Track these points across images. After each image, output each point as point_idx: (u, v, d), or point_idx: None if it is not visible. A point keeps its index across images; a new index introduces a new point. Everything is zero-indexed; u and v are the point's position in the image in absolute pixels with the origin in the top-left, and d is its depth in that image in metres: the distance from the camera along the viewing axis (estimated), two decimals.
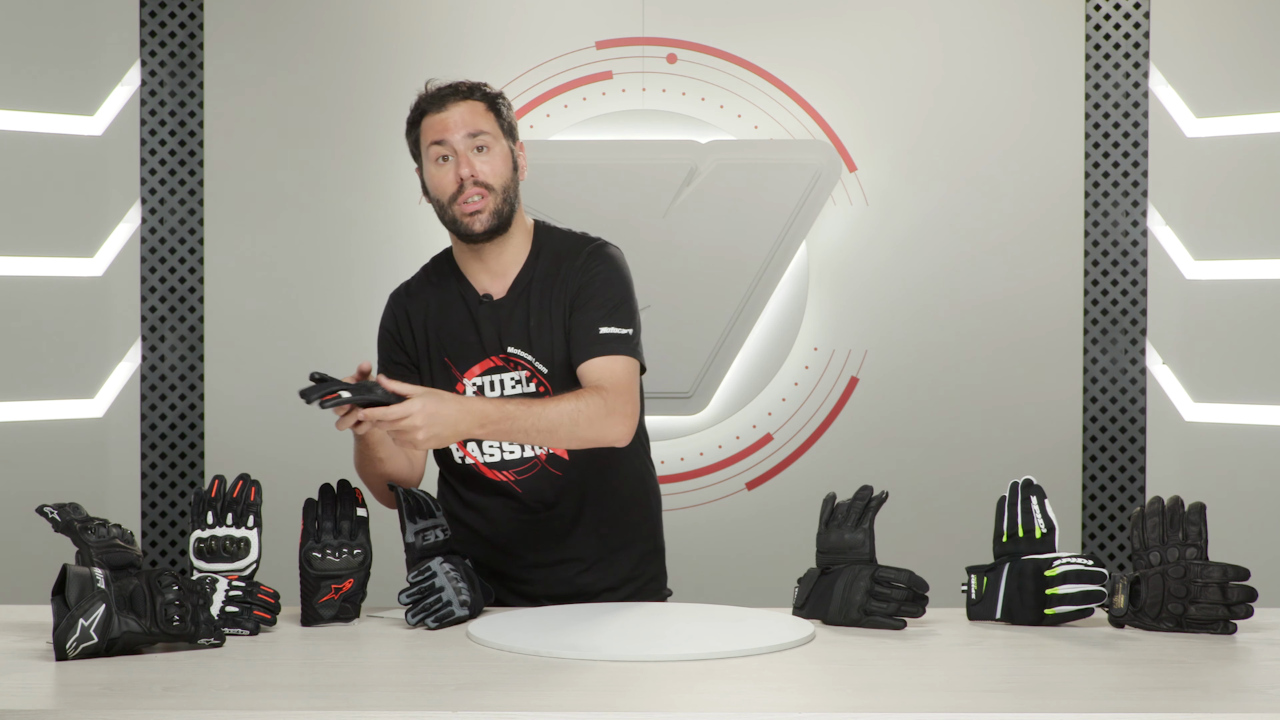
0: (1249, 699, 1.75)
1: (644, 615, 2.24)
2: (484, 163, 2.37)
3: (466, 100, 2.39)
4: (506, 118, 2.43)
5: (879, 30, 4.25)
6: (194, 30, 4.21)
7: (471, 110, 2.39)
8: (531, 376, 2.39)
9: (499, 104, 2.42)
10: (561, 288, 2.40)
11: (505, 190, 2.39)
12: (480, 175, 2.36)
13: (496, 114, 2.41)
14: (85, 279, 4.11)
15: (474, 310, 2.43)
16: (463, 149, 2.37)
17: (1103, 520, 4.21)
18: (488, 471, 2.44)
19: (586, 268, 2.41)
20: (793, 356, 4.24)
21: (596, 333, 2.36)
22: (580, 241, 2.46)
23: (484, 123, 2.38)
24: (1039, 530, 2.24)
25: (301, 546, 2.21)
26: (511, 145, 2.43)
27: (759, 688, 1.79)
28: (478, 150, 2.37)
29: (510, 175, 2.40)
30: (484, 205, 2.36)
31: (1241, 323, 4.07)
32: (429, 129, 2.40)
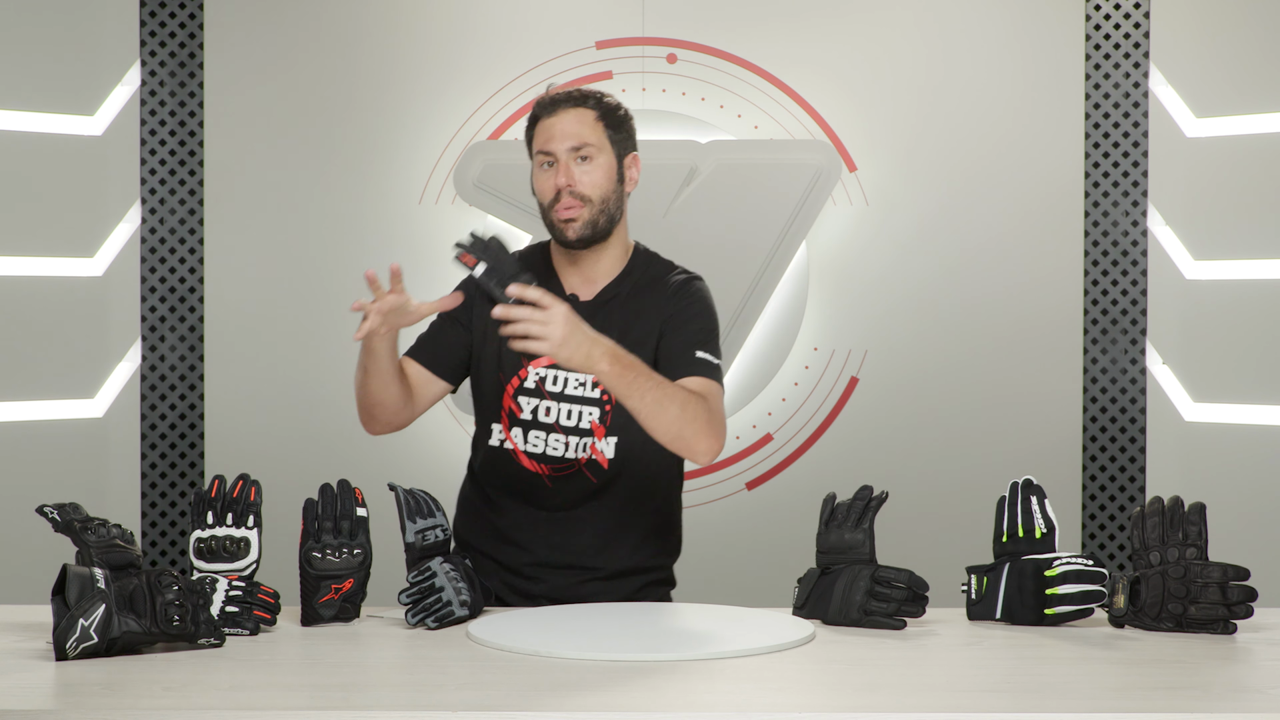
0: (1249, 699, 1.75)
1: (644, 615, 2.24)
2: (584, 173, 2.38)
3: (577, 108, 2.40)
4: (619, 130, 2.43)
5: (879, 30, 4.25)
6: (194, 30, 4.21)
7: (580, 119, 2.40)
8: (598, 383, 2.39)
9: (613, 115, 2.43)
10: (651, 309, 2.42)
11: (604, 201, 2.40)
12: (577, 186, 2.38)
13: (607, 125, 2.41)
14: (85, 279, 4.11)
15: None
16: (564, 158, 2.38)
17: (1103, 520, 4.21)
18: (525, 461, 2.44)
19: (682, 294, 2.44)
20: (793, 356, 4.24)
21: (693, 355, 2.38)
22: (675, 269, 2.50)
23: (590, 133, 2.39)
24: (1039, 530, 2.24)
25: (301, 546, 2.21)
26: (619, 157, 2.43)
27: (759, 688, 1.79)
28: (580, 160, 2.39)
29: (612, 188, 2.41)
30: (579, 214, 2.38)
31: (1241, 323, 4.07)
32: (539, 133, 2.42)
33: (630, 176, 2.45)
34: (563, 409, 2.42)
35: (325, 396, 4.24)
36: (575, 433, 2.42)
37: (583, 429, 2.42)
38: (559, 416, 2.42)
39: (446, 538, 2.27)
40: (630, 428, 2.38)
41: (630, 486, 2.45)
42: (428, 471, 4.13)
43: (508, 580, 2.46)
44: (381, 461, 4.13)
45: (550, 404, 2.42)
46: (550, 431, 2.42)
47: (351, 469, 3.08)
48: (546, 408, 2.42)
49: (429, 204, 4.25)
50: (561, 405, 2.42)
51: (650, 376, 2.23)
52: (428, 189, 4.25)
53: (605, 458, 2.43)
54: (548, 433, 2.42)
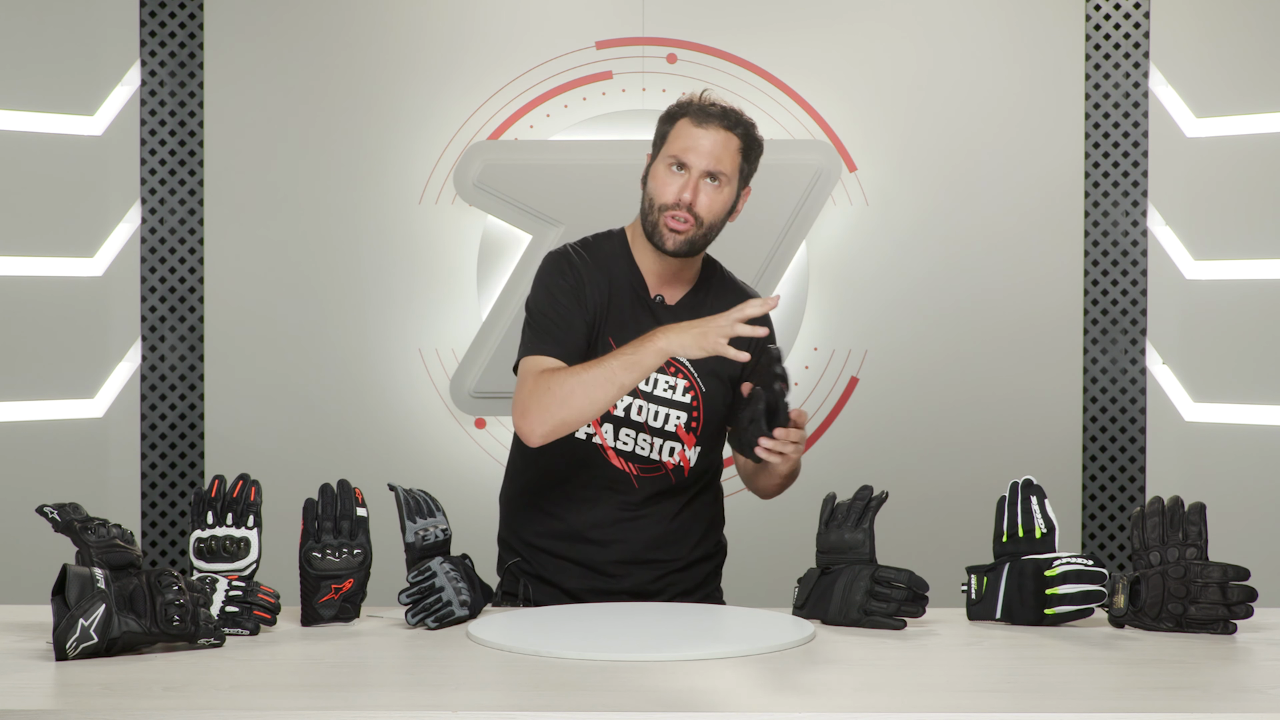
0: (1249, 699, 1.75)
1: (644, 615, 2.24)
2: (708, 195, 2.39)
3: (728, 131, 2.39)
4: (751, 164, 2.45)
5: (879, 30, 4.25)
6: (194, 30, 4.21)
7: (726, 144, 2.39)
8: (690, 388, 2.43)
9: (752, 150, 2.44)
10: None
11: (712, 227, 2.42)
12: (699, 206, 2.38)
13: (745, 158, 2.42)
14: (85, 279, 4.11)
15: (648, 303, 2.46)
16: (696, 175, 2.38)
17: (1103, 520, 4.21)
18: (614, 458, 2.44)
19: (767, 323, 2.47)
20: (793, 356, 4.24)
21: None
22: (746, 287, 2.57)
23: (729, 161, 2.40)
24: (1039, 530, 2.24)
25: (301, 546, 2.21)
26: (739, 190, 2.45)
27: (759, 688, 1.79)
28: (710, 180, 2.39)
29: (723, 215, 2.43)
30: (686, 230, 2.39)
31: (1241, 323, 4.07)
32: (679, 135, 2.40)
33: (738, 209, 2.48)
34: (651, 409, 2.44)
35: (325, 396, 4.24)
36: (661, 435, 2.44)
37: (668, 431, 2.44)
38: (648, 417, 2.44)
39: (446, 538, 2.27)
40: (717, 438, 2.48)
41: (700, 486, 2.52)
42: (427, 471, 4.13)
43: (588, 581, 2.46)
44: (381, 461, 4.13)
45: (643, 403, 2.43)
46: (640, 430, 2.44)
47: (351, 469, 3.08)
48: (639, 406, 2.43)
49: (429, 204, 4.25)
50: (651, 406, 2.44)
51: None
52: (428, 189, 4.25)
53: (689, 465, 2.48)
54: (638, 431, 2.44)
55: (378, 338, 4.25)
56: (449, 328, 4.21)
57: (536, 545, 2.50)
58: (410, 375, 4.24)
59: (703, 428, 2.46)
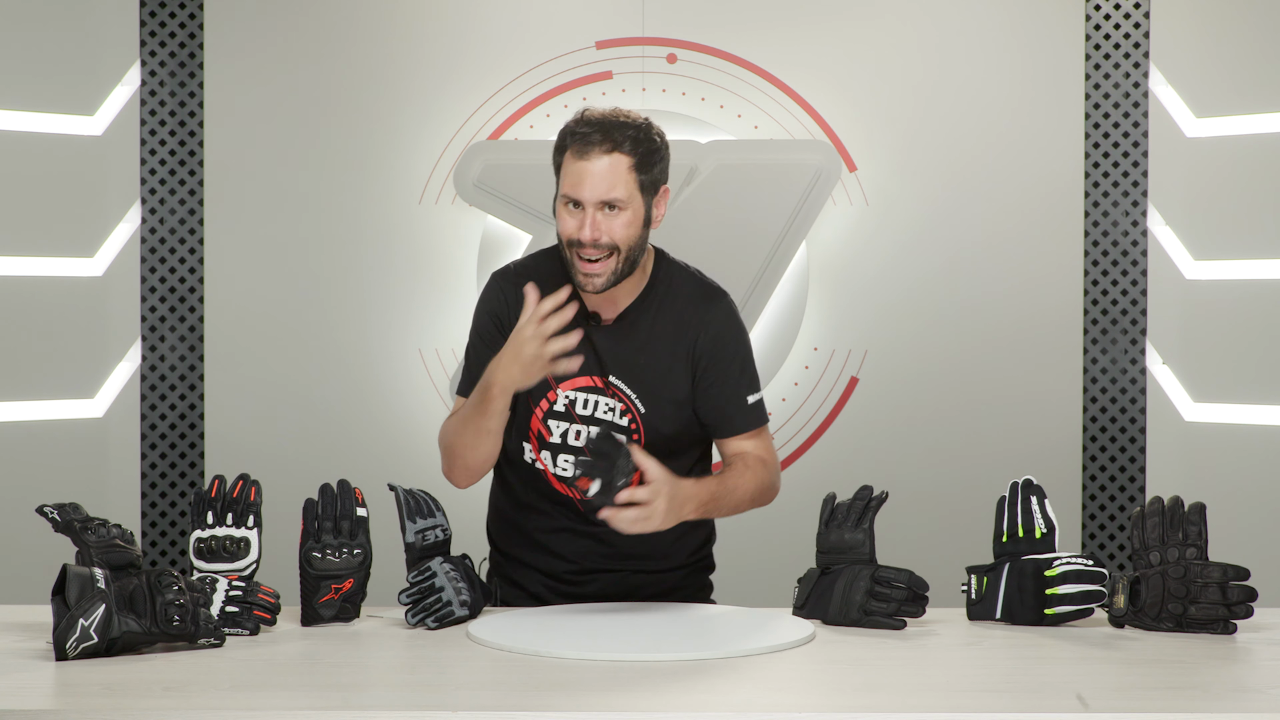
0: (1249, 699, 1.75)
1: (644, 615, 2.24)
2: (610, 223, 2.27)
3: (611, 154, 2.26)
4: (650, 171, 2.31)
5: (879, 30, 4.25)
6: (194, 30, 4.21)
7: (613, 169, 2.27)
8: (626, 410, 2.36)
9: (646, 160, 2.30)
10: (683, 334, 2.36)
11: (630, 250, 2.29)
12: (603, 238, 2.27)
13: (640, 170, 2.29)
14: (85, 279, 4.11)
15: (580, 324, 2.33)
16: (591, 209, 2.26)
17: (1103, 520, 4.21)
18: (555, 483, 2.41)
19: (717, 325, 2.38)
20: (793, 356, 4.24)
21: (745, 403, 2.39)
22: (702, 289, 2.41)
23: (621, 185, 2.27)
24: (1039, 530, 2.24)
25: (301, 546, 2.21)
26: (649, 201, 2.32)
27: (759, 688, 1.79)
28: (608, 209, 2.27)
29: (638, 233, 2.30)
30: (603, 269, 2.28)
31: (1241, 323, 4.07)
32: (568, 170, 2.29)
33: (657, 214, 2.35)
34: (592, 433, 2.34)
35: (325, 397, 4.24)
36: None
37: None
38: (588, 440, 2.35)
39: (446, 538, 2.27)
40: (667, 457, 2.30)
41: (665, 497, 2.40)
42: (428, 472, 4.11)
43: (552, 586, 2.44)
44: (381, 461, 4.13)
45: (580, 427, 2.37)
46: (579, 454, 2.36)
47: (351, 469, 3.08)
48: (576, 431, 2.37)
49: (429, 204, 4.25)
50: (590, 429, 2.36)
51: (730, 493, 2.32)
52: (428, 189, 4.25)
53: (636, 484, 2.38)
54: (577, 456, 2.36)
55: (378, 338, 4.25)
56: (449, 328, 4.21)
57: (505, 549, 2.50)
58: (410, 375, 4.24)
59: (646, 448, 2.32)
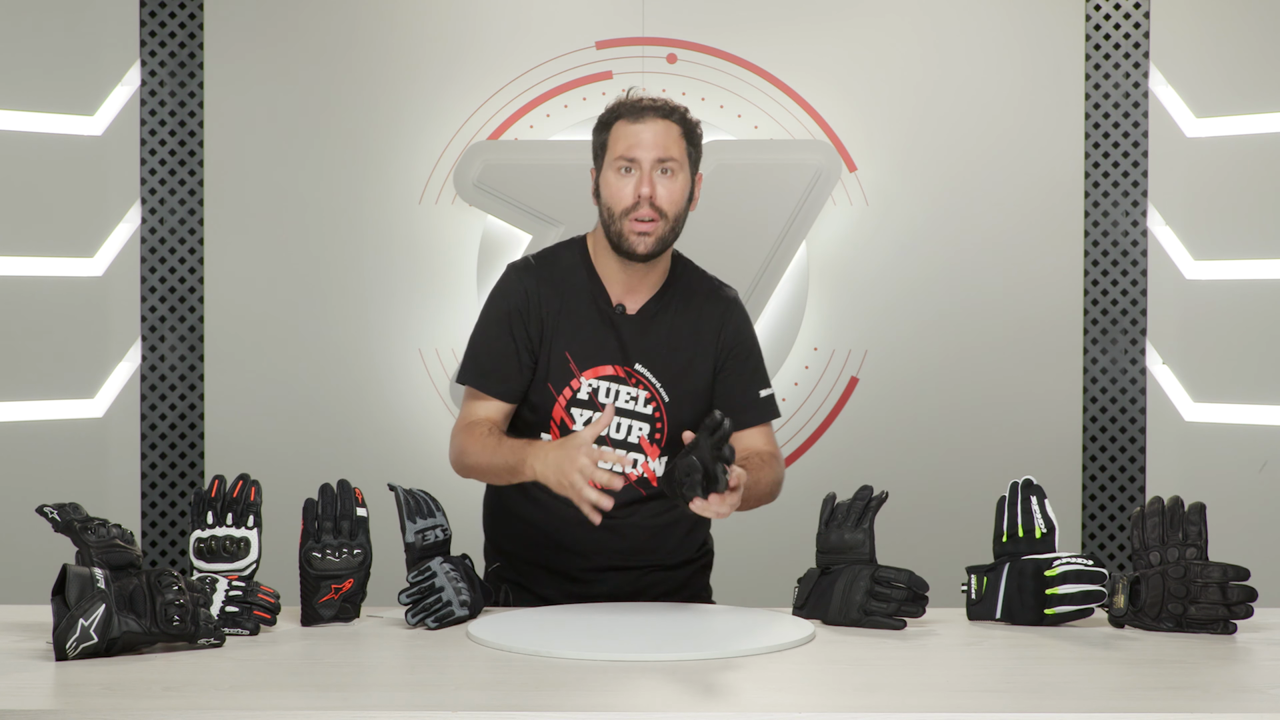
0: (1249, 699, 1.75)
1: (644, 615, 2.24)
2: (665, 186, 2.35)
3: (665, 120, 2.36)
4: (697, 148, 2.40)
5: (879, 30, 4.25)
6: (194, 30, 4.21)
7: (667, 131, 2.36)
8: (651, 398, 2.39)
9: (694, 133, 2.40)
10: (699, 327, 2.42)
11: (676, 219, 2.37)
12: (659, 199, 2.34)
13: (689, 141, 2.38)
14: (85, 279, 4.11)
15: (605, 312, 2.40)
16: (649, 168, 2.34)
17: (1103, 520, 4.21)
18: None
19: (738, 322, 2.47)
20: (793, 356, 4.24)
21: (758, 397, 2.46)
22: (717, 284, 2.50)
23: (675, 148, 2.36)
24: (1039, 530, 2.24)
25: (301, 546, 2.21)
26: (693, 176, 2.41)
27: (759, 688, 1.79)
28: (663, 173, 2.35)
29: (684, 205, 2.38)
30: (654, 229, 2.34)
31: (1241, 323, 4.07)
32: (620, 136, 2.36)
33: (696, 195, 2.43)
34: (616, 422, 2.39)
35: (325, 396, 4.24)
36: (624, 447, 2.40)
37: (631, 443, 2.40)
38: (609, 430, 2.39)
39: (446, 538, 2.27)
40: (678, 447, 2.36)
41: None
42: (428, 472, 4.12)
43: (564, 586, 2.44)
44: (381, 461, 4.13)
45: None
46: (600, 444, 2.37)
47: (351, 469, 3.08)
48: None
49: (429, 204, 4.25)
50: (616, 419, 2.39)
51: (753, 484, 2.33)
52: (428, 189, 4.25)
53: (655, 476, 2.42)
54: (599, 444, 2.37)
55: (378, 338, 4.25)
56: (449, 328, 4.21)
57: (512, 552, 2.50)
58: (410, 375, 4.24)
59: (667, 438, 2.41)
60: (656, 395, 2.39)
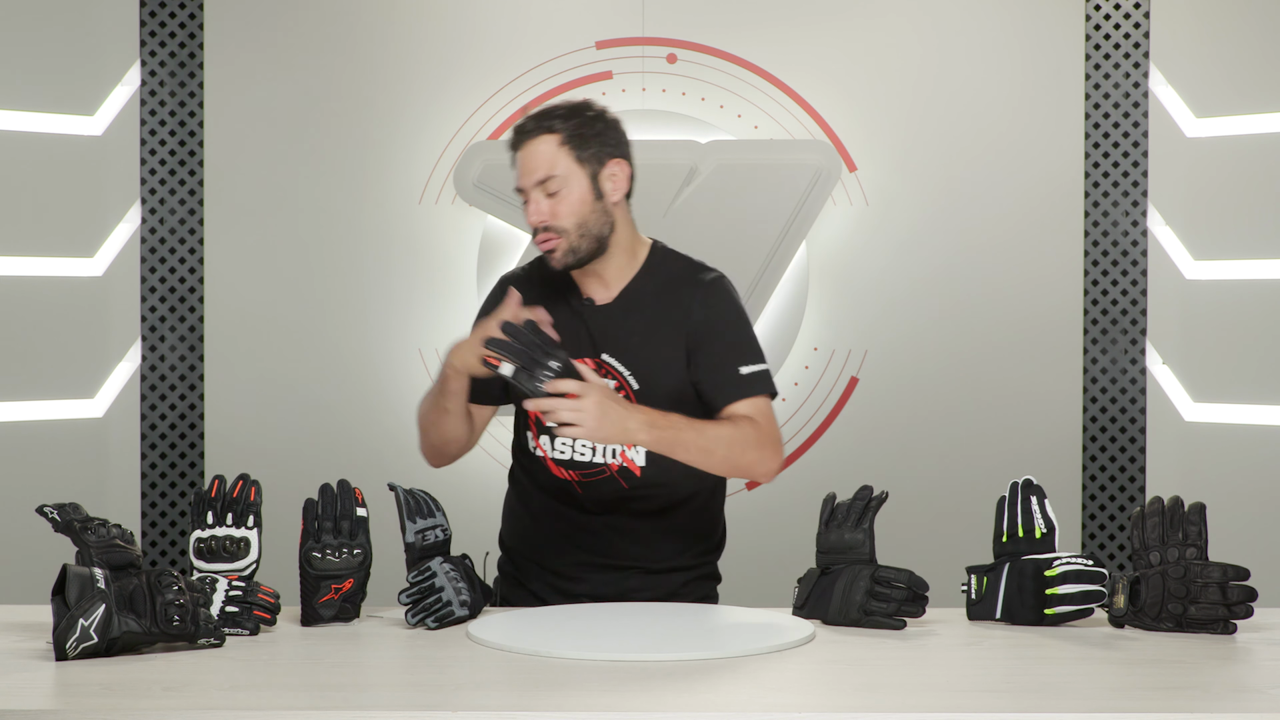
0: (1249, 699, 1.75)
1: (644, 615, 2.24)
2: (554, 206, 2.32)
3: (541, 136, 2.32)
4: (588, 145, 2.33)
5: (879, 30, 4.25)
6: (194, 30, 4.21)
7: (544, 148, 2.31)
8: (620, 388, 2.37)
9: (579, 134, 2.32)
10: (676, 313, 2.38)
11: (581, 226, 2.33)
12: (548, 220, 2.32)
13: (573, 146, 2.31)
14: (85, 279, 4.11)
15: (575, 307, 2.41)
16: (533, 194, 2.33)
17: (1103, 520, 4.21)
18: (553, 468, 2.43)
19: (709, 302, 2.38)
20: (793, 356, 4.24)
21: (739, 373, 2.35)
22: (696, 268, 2.43)
23: (555, 163, 2.31)
24: (1039, 530, 2.24)
25: (301, 546, 2.20)
26: (593, 175, 2.33)
27: (759, 688, 1.79)
28: (541, 190, 2.32)
29: (588, 210, 2.33)
30: (558, 245, 2.33)
31: (1241, 323, 4.07)
32: (516, 166, 2.36)
33: (612, 187, 2.35)
34: None
35: (325, 396, 4.24)
36: None
37: None
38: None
39: (446, 538, 2.27)
40: None
41: (667, 493, 2.43)
42: (427, 472, 4.12)
43: (551, 581, 2.46)
44: (381, 461, 4.13)
45: None
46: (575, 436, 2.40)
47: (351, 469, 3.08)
48: None
49: (429, 204, 4.25)
50: None
51: (690, 428, 2.24)
52: (428, 189, 4.25)
53: (637, 465, 2.40)
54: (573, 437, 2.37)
55: (378, 338, 4.25)
56: (449, 328, 4.21)
57: (511, 546, 2.53)
58: (410, 375, 4.24)
59: None
60: (626, 385, 2.37)
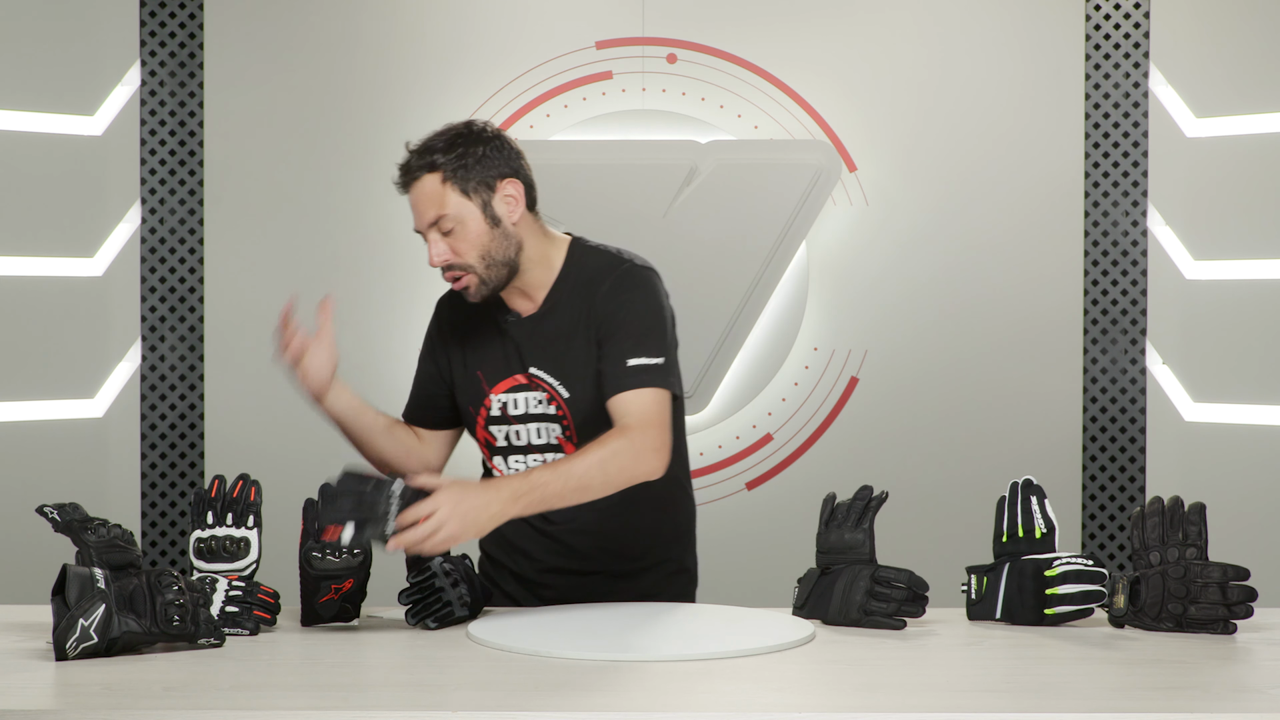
0: (1249, 699, 1.74)
1: (644, 615, 2.24)
2: (452, 244, 2.30)
3: (423, 175, 2.30)
4: (471, 175, 2.28)
5: (879, 30, 4.25)
6: (194, 30, 4.21)
7: (426, 191, 2.29)
8: (551, 399, 2.36)
9: (460, 166, 2.28)
10: (588, 313, 2.34)
11: (485, 258, 2.30)
12: (448, 260, 2.30)
13: (456, 180, 2.28)
14: (85, 279, 4.11)
15: (501, 324, 2.40)
16: (430, 235, 2.30)
17: (1103, 520, 4.21)
18: None
19: (612, 295, 2.33)
20: (793, 356, 4.24)
21: (625, 365, 2.28)
22: (611, 263, 2.37)
23: (442, 202, 2.28)
24: (1039, 530, 2.24)
25: (301, 546, 2.20)
26: (486, 202, 2.30)
27: (759, 688, 1.79)
28: (436, 231, 2.29)
29: (486, 239, 2.29)
30: (468, 281, 2.32)
31: (1241, 323, 4.07)
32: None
33: (508, 210, 2.31)
34: (530, 429, 2.39)
35: None
36: (547, 449, 2.39)
37: (552, 444, 2.38)
38: (529, 437, 2.39)
39: None
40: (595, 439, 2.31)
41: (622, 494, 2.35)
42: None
43: (520, 586, 2.46)
44: None
45: (517, 427, 2.39)
46: (525, 453, 2.39)
47: None
48: (515, 431, 2.40)
49: None
50: (528, 426, 2.39)
51: (554, 476, 2.16)
52: None
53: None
54: (524, 454, 2.39)
55: (378, 338, 4.25)
56: None
57: (487, 549, 2.53)
58: (410, 376, 4.22)
59: (578, 433, 2.35)
60: (556, 394, 2.36)
